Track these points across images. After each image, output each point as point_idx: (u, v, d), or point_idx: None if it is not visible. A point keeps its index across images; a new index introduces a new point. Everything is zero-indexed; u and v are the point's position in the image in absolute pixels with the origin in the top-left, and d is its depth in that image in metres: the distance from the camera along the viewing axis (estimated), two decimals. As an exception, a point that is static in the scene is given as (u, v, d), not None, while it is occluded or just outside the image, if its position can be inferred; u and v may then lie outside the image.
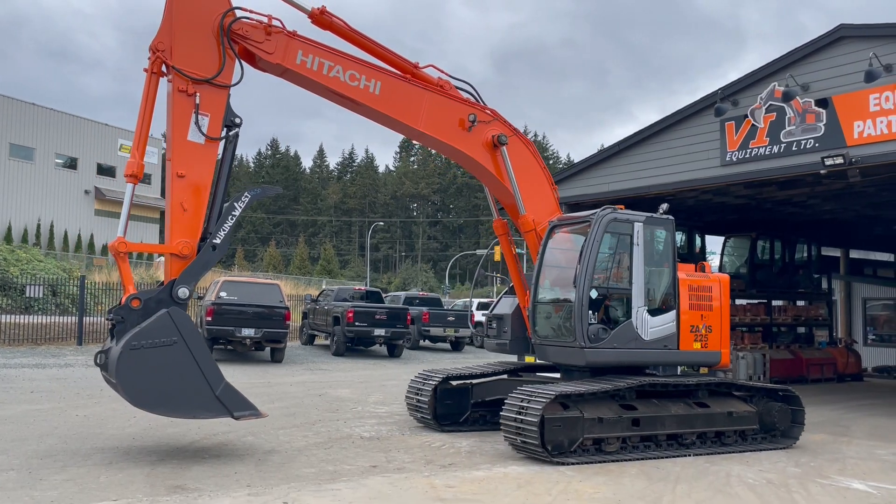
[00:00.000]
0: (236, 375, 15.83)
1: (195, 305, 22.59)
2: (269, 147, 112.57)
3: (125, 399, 6.99)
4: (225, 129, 7.55)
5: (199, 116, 7.32)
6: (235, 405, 7.14)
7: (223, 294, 18.55)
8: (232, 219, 7.37)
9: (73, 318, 21.53)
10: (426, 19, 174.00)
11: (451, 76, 9.23)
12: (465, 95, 9.28)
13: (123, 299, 7.01)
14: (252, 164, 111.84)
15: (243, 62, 7.96)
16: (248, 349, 19.31)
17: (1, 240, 37.77)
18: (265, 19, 7.75)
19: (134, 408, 7.10)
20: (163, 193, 63.43)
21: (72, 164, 47.22)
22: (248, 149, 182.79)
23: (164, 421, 9.43)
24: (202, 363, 6.98)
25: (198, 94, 7.31)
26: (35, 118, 45.41)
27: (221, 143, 7.57)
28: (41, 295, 23.00)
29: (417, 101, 8.66)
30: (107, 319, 7.16)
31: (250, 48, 7.75)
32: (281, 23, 7.87)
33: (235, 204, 7.41)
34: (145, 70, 7.35)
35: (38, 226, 46.53)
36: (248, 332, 18.11)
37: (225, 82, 7.49)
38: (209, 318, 17.90)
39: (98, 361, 7.19)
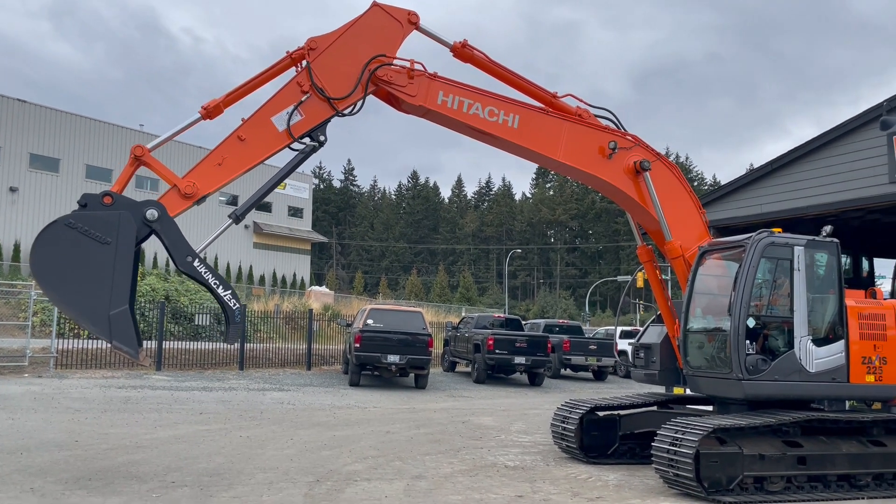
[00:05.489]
0: (382, 401, 16.32)
1: (344, 332, 23.62)
2: (409, 179, 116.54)
3: (31, 265, 6.72)
4: (307, 138, 7.76)
5: (296, 112, 7.62)
6: (119, 334, 6.63)
7: (370, 321, 19.23)
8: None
9: (235, 344, 23.12)
10: (562, 44, 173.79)
11: (589, 105, 9.11)
12: (605, 123, 9.14)
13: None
14: (394, 196, 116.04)
15: (388, 105, 8.31)
16: (394, 375, 19.88)
17: (173, 274, 41.42)
18: (408, 64, 8.03)
19: (292, 431, 7.46)
20: (314, 226, 67.31)
21: (233, 200, 51.09)
22: (389, 181, 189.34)
23: (319, 443, 9.89)
24: (117, 278, 6.67)
25: (309, 95, 7.65)
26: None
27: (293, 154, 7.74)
28: (208, 323, 24.92)
29: (556, 132, 8.62)
30: (77, 203, 6.85)
31: (394, 92, 8.04)
32: (422, 66, 8.13)
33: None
34: (287, 52, 7.82)
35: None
36: (393, 358, 18.63)
37: (338, 107, 7.80)
38: (357, 345, 18.60)
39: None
